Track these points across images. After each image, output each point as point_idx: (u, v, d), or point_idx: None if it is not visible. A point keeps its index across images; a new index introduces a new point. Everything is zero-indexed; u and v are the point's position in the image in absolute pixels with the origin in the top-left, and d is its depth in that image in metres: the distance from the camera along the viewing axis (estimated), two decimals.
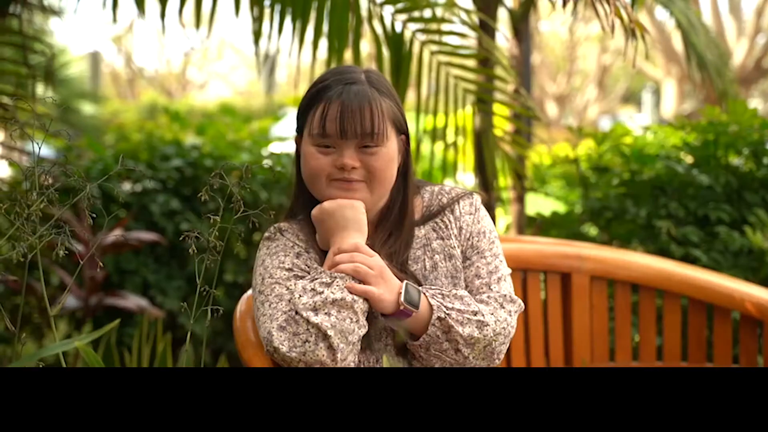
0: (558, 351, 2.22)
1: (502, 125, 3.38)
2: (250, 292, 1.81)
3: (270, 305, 1.53)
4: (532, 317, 2.20)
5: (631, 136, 3.38)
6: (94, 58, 14.53)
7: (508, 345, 1.61)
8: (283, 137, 5.53)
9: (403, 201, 1.66)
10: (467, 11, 2.89)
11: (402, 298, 1.51)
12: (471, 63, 3.09)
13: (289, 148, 4.81)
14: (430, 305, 1.54)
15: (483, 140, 3.05)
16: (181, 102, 17.11)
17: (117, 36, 22.15)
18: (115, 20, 2.90)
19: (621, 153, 3.17)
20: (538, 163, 4.23)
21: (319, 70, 2.81)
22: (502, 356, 1.60)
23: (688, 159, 3.12)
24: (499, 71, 3.07)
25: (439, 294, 1.56)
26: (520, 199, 3.49)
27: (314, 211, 1.59)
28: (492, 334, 1.55)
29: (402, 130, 1.64)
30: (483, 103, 3.00)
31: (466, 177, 4.29)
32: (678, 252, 2.75)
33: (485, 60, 3.02)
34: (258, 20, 2.82)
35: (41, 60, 3.25)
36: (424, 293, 1.55)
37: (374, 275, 1.51)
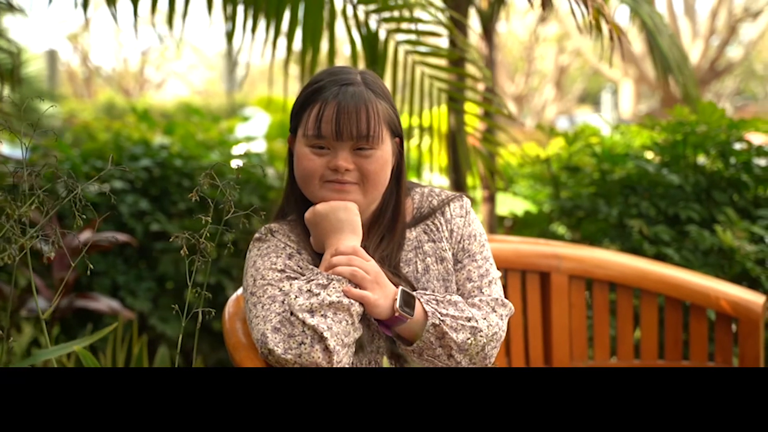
0: (537, 349, 2.24)
1: (473, 123, 3.40)
2: (238, 292, 1.79)
3: (263, 307, 1.51)
4: (512, 316, 2.21)
5: (598, 136, 3.42)
6: (51, 57, 14.27)
7: (499, 348, 1.61)
8: (250, 137, 5.50)
9: (396, 204, 1.65)
10: (440, 9, 2.90)
11: (397, 305, 1.50)
12: (443, 62, 3.10)
13: (257, 148, 4.79)
14: (425, 311, 1.53)
15: (457, 139, 3.06)
16: (138, 101, 16.93)
17: (73, 34, 21.83)
18: (85, 18, 2.86)
19: (592, 153, 3.20)
20: (509, 162, 4.26)
21: (292, 69, 2.80)
22: (493, 360, 1.61)
23: (653, 157, 3.16)
24: (472, 70, 3.08)
25: (433, 300, 1.56)
26: (491, 199, 3.51)
27: (307, 215, 1.58)
28: (485, 340, 1.56)
29: (396, 133, 1.63)
30: (455, 102, 3.01)
31: (439, 176, 4.30)
32: (650, 251, 2.79)
33: (458, 59, 3.04)
34: (231, 19, 2.80)
35: (4, 57, 3.19)
36: (419, 299, 1.54)
37: (370, 280, 1.50)
